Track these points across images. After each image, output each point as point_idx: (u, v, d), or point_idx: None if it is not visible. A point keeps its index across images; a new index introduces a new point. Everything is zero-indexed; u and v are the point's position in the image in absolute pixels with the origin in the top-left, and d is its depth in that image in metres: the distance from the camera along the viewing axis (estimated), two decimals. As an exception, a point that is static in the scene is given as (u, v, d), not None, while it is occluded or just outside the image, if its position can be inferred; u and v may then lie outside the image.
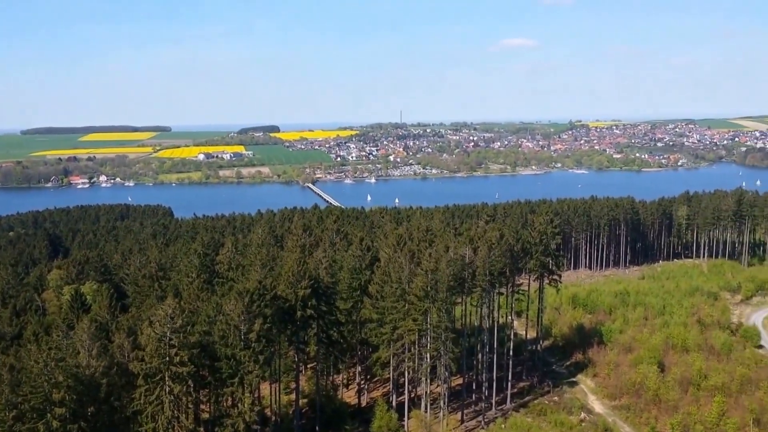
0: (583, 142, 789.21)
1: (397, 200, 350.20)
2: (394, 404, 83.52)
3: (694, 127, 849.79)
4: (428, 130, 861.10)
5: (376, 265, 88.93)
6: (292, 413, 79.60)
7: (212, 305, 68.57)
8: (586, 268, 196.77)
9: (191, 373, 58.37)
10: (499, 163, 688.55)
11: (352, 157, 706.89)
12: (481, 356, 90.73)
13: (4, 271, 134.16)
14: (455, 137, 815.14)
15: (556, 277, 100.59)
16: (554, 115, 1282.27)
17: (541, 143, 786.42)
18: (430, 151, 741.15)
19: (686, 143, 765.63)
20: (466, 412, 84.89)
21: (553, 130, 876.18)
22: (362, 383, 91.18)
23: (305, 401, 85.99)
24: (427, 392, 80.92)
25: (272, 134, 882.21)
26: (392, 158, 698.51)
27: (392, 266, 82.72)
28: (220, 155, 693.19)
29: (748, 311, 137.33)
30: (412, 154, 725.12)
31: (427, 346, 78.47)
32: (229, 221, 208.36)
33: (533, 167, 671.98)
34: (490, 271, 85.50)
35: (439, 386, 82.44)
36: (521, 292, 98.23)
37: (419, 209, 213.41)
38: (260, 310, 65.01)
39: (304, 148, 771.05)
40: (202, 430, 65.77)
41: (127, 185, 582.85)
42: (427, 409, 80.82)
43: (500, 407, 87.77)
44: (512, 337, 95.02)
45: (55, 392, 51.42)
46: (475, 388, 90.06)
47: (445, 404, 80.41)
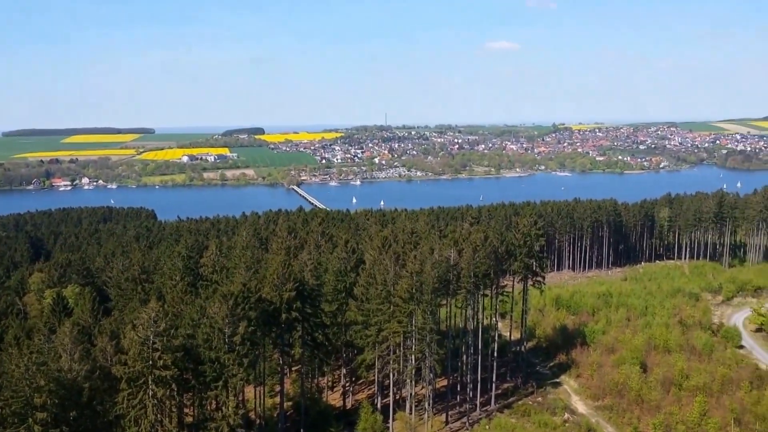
0: (566, 144, 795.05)
1: (382, 202, 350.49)
2: (379, 406, 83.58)
3: (675, 130, 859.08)
4: (413, 132, 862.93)
5: (361, 267, 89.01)
6: (276, 416, 79.37)
7: (196, 308, 68.22)
8: (569, 269, 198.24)
9: (175, 376, 57.99)
10: (483, 165, 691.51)
11: (337, 159, 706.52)
12: (465, 358, 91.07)
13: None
14: (440, 140, 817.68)
15: (539, 278, 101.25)
16: (538, 117, 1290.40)
17: (525, 146, 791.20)
18: (415, 153, 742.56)
19: (668, 146, 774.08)
20: (450, 413, 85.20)
21: (536, 132, 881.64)
22: (347, 385, 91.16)
23: (290, 404, 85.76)
24: (411, 394, 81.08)
25: (257, 136, 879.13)
26: (377, 160, 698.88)
27: (377, 268, 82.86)
28: (204, 157, 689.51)
29: (728, 312, 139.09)
30: (397, 156, 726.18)
31: (412, 347, 78.64)
32: (213, 224, 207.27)
33: (517, 170, 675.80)
34: (474, 272, 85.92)
35: (424, 388, 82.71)
36: (505, 293, 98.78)
37: (404, 211, 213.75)
38: (244, 312, 64.77)
39: (289, 150, 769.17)
40: (185, 433, 65.38)
41: (109, 187, 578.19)
42: (412, 410, 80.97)
43: (485, 408, 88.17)
44: (496, 338, 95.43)
45: (36, 397, 50.88)
46: (459, 389, 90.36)
47: (429, 406, 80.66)
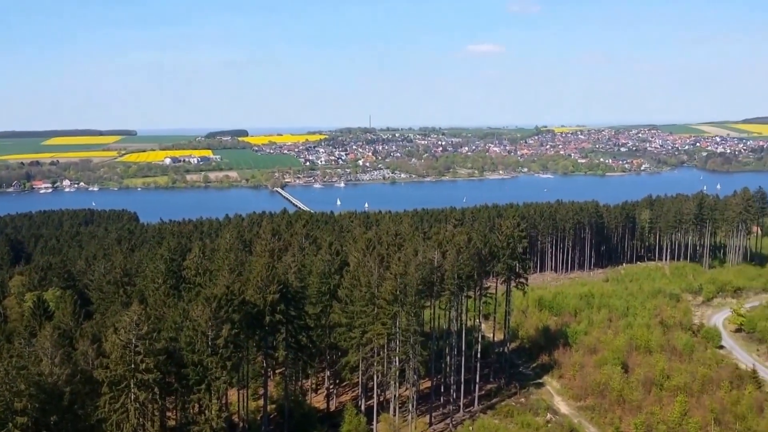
0: (548, 147, 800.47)
1: (366, 204, 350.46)
2: (362, 408, 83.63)
3: (656, 132, 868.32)
4: (397, 134, 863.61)
5: (345, 269, 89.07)
6: (260, 419, 79.12)
7: (179, 311, 67.88)
8: (551, 270, 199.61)
9: (157, 380, 57.67)
10: (467, 167, 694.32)
11: (321, 161, 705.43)
12: (449, 359, 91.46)
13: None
14: (424, 142, 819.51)
15: (522, 280, 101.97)
16: (521, 120, 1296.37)
17: (508, 148, 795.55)
18: (399, 155, 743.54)
19: (649, 148, 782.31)
20: (434, 414, 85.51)
21: (519, 135, 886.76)
22: (331, 388, 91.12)
23: (273, 407, 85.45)
24: (395, 396, 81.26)
25: (240, 138, 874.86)
26: (361, 163, 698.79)
27: (361, 270, 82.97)
28: (187, 159, 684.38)
29: (709, 312, 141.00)
30: (381, 158, 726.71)
31: (396, 349, 78.87)
32: (196, 226, 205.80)
33: (500, 172, 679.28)
34: (458, 274, 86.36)
35: (407, 389, 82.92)
36: (489, 295, 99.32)
37: (388, 213, 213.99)
38: (228, 315, 64.58)
39: (272, 152, 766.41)
40: (168, 437, 65.01)
41: (91, 190, 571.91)
42: (395, 412, 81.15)
43: (468, 409, 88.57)
44: (480, 339, 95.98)
45: (16, 401, 50.33)
46: (443, 390, 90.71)
47: (413, 407, 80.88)
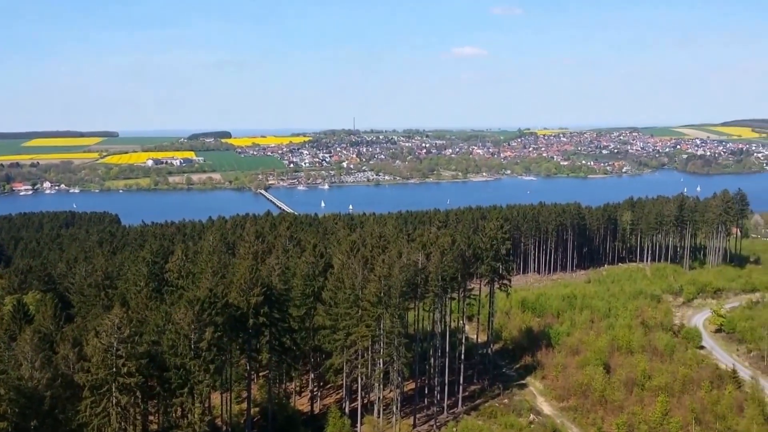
0: (531, 149, 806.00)
1: (350, 207, 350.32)
2: (347, 410, 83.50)
3: (637, 135, 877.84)
4: (381, 136, 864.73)
5: (329, 271, 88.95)
6: (243, 422, 78.70)
7: (161, 314, 67.31)
8: (534, 272, 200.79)
9: (139, 383, 57.19)
10: (450, 169, 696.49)
11: (305, 163, 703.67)
12: (433, 361, 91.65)
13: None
14: (408, 144, 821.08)
15: (506, 281, 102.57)
16: (504, 122, 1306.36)
17: (491, 150, 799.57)
18: (383, 157, 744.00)
19: (630, 150, 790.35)
20: (418, 416, 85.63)
21: (503, 137, 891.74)
22: (315, 390, 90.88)
23: (257, 410, 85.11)
24: (379, 398, 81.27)
25: (223, 140, 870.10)
26: (345, 165, 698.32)
27: (346, 272, 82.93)
28: (169, 161, 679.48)
29: (689, 313, 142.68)
30: (365, 160, 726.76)
31: (380, 351, 78.86)
32: (179, 228, 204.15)
33: (484, 174, 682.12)
34: (442, 276, 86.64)
35: (392, 391, 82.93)
36: (472, 296, 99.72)
37: (372, 215, 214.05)
38: (211, 318, 64.20)
39: (256, 154, 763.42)
40: (150, 441, 64.46)
41: (72, 192, 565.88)
42: (379, 414, 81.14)
43: (452, 411, 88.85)
44: (464, 341, 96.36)
45: (-5, 406, 49.68)
46: (427, 392, 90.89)
47: (397, 409, 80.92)
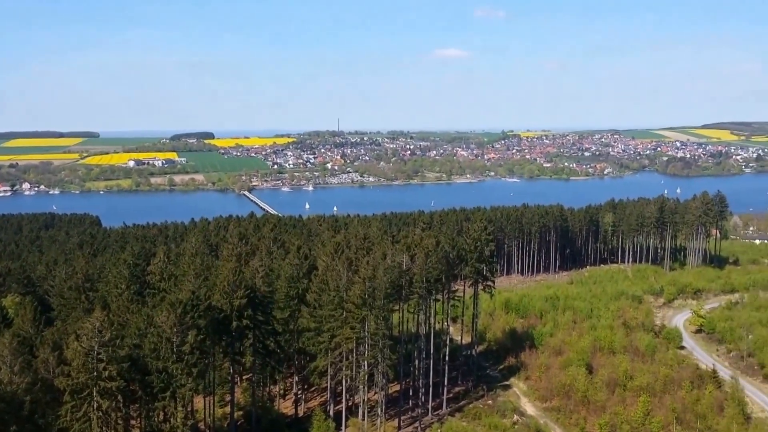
0: (515, 151, 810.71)
1: (335, 208, 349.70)
2: (331, 413, 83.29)
3: (619, 137, 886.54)
4: (365, 138, 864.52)
5: (313, 273, 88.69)
6: (227, 426, 78.20)
7: (143, 317, 66.65)
8: (518, 273, 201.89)
9: (120, 387, 56.56)
10: (435, 171, 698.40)
11: (289, 164, 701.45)
12: (417, 362, 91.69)
13: None
14: (392, 145, 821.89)
15: (490, 283, 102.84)
16: (488, 124, 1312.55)
17: (475, 152, 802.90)
18: (367, 159, 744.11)
19: (612, 153, 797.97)
20: (403, 418, 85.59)
21: (486, 139, 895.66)
22: (299, 393, 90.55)
23: (241, 413, 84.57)
24: (364, 400, 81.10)
25: (206, 141, 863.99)
26: (330, 166, 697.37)
27: (330, 274, 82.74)
28: (151, 162, 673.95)
29: (670, 314, 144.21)
30: (349, 162, 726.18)
31: (364, 353, 78.75)
32: (161, 230, 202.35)
33: (468, 176, 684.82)
34: (426, 278, 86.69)
35: (376, 394, 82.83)
36: (457, 298, 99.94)
37: (357, 217, 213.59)
38: (194, 321, 63.69)
39: (239, 155, 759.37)
40: (132, 446, 63.75)
41: (52, 193, 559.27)
42: (364, 416, 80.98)
43: (436, 412, 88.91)
44: (448, 342, 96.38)
45: (-28, 412, 48.83)
46: (412, 394, 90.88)
47: (382, 411, 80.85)
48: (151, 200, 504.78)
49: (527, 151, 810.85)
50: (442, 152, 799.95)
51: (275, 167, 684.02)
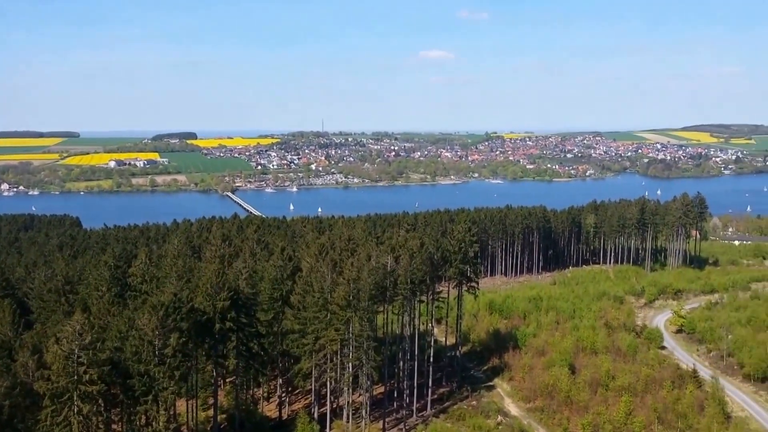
0: (498, 153, 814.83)
1: (319, 209, 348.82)
2: (316, 416, 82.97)
3: (601, 139, 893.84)
4: (350, 139, 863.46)
5: (297, 275, 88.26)
6: (210, 430, 77.53)
7: (124, 320, 65.94)
8: (501, 274, 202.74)
9: (101, 391, 55.86)
10: (419, 172, 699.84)
11: (273, 165, 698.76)
12: (402, 364, 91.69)
13: None
14: (377, 147, 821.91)
15: (474, 284, 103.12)
16: (471, 126, 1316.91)
17: (459, 153, 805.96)
18: (351, 160, 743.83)
19: (593, 155, 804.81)
20: (387, 420, 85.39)
21: (470, 141, 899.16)
22: (283, 396, 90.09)
23: (224, 417, 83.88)
24: (349, 402, 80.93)
25: (189, 141, 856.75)
26: (314, 167, 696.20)
27: (314, 276, 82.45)
28: (132, 162, 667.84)
29: (651, 314, 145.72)
30: (334, 163, 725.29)
31: (349, 355, 78.57)
32: (142, 231, 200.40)
33: (452, 177, 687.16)
34: (411, 279, 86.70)
35: (361, 395, 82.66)
36: (441, 299, 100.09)
37: (341, 218, 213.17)
38: (176, 323, 63.07)
39: (222, 155, 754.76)
40: (113, 450, 62.99)
41: (31, 194, 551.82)
42: (349, 419, 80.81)
43: (421, 414, 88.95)
44: (432, 343, 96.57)
45: (-51, 417, 47.95)
46: (396, 395, 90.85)
47: (366, 413, 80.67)
48: (132, 201, 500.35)
49: (510, 152, 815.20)
50: (426, 153, 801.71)
51: (259, 168, 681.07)
